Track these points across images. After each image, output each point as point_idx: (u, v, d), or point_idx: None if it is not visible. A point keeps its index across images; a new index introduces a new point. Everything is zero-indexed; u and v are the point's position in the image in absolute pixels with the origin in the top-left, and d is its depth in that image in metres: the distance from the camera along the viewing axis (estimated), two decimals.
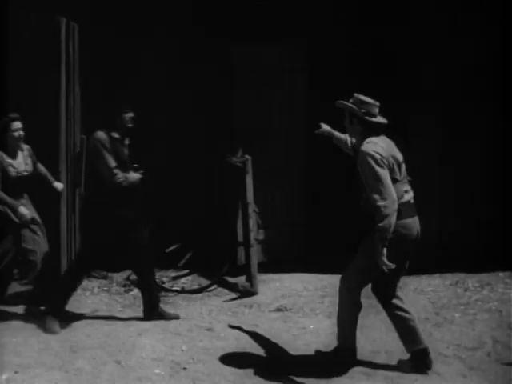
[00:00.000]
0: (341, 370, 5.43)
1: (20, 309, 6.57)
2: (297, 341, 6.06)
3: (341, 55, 8.27)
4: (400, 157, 5.36)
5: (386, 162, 5.17)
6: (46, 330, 6.16)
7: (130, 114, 6.34)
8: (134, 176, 6.35)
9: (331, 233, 8.37)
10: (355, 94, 5.40)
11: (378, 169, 5.13)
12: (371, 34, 8.13)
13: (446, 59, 8.16)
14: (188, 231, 8.04)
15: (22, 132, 6.45)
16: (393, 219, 5.05)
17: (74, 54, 6.95)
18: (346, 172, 8.43)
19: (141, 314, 6.57)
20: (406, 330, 5.44)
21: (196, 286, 7.60)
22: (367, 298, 6.86)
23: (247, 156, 7.54)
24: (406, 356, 5.55)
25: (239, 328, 6.27)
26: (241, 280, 7.55)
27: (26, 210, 6.37)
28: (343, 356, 5.53)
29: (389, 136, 5.43)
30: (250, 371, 5.43)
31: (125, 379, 5.27)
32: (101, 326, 6.31)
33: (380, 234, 5.06)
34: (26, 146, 6.57)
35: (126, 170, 6.31)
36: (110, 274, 7.69)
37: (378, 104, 5.37)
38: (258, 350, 5.87)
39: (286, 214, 8.50)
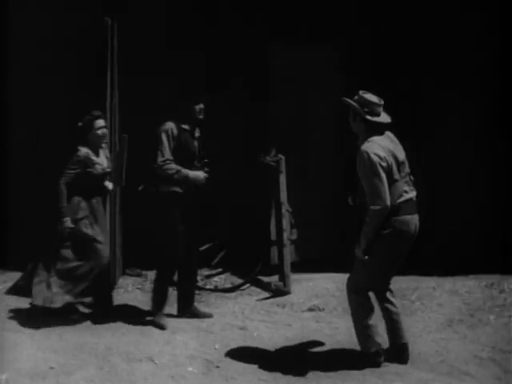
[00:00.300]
0: (373, 371, 5.40)
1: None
2: (329, 341, 6.04)
3: (377, 55, 8.24)
4: (401, 156, 5.38)
5: (384, 163, 5.23)
6: (157, 326, 6.26)
7: (201, 106, 6.31)
8: (198, 174, 6.30)
9: None
10: (360, 92, 5.42)
11: (374, 171, 5.21)
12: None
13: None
14: (221, 230, 8.06)
15: (105, 130, 6.45)
16: (379, 223, 5.23)
17: (115, 53, 6.97)
18: None
19: (174, 312, 6.61)
20: (390, 321, 5.52)
21: (229, 285, 7.62)
22: (400, 298, 6.85)
23: (281, 155, 7.54)
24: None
25: None
26: (274, 279, 7.54)
27: (69, 224, 6.30)
28: (367, 360, 5.48)
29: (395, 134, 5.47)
30: (283, 370, 5.42)
31: (158, 376, 5.31)
32: (135, 323, 6.37)
33: (364, 233, 5.31)
34: (103, 144, 6.56)
35: (194, 163, 6.30)
36: (143, 272, 7.75)
37: (381, 103, 5.39)
38: (291, 350, 5.87)
39: (319, 214, 8.47)
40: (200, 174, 6.32)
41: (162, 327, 6.26)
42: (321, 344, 5.97)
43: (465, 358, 5.61)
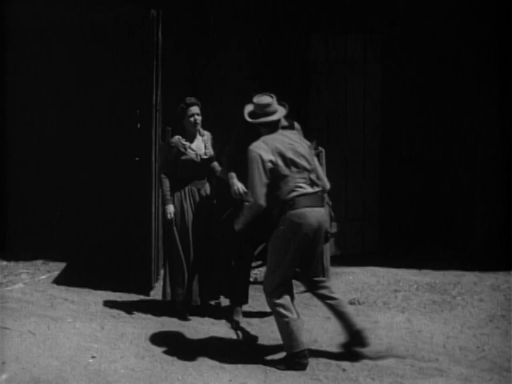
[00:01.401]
0: (413, 366, 5.36)
1: (91, 295, 6.77)
2: (369, 335, 6.01)
3: (414, 47, 8.22)
4: (289, 153, 5.39)
5: (265, 159, 5.29)
6: (230, 322, 6.28)
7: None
8: (234, 184, 6.06)
9: (405, 226, 8.29)
10: (254, 98, 5.55)
11: (253, 168, 5.30)
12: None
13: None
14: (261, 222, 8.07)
15: (198, 117, 6.41)
16: (251, 217, 5.41)
17: (160, 47, 6.98)
18: (422, 164, 8.39)
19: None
20: (337, 314, 5.54)
21: None
22: (441, 293, 6.80)
23: (321, 148, 7.51)
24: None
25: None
26: None
27: (171, 209, 6.37)
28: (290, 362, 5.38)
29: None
30: (321, 362, 5.43)
31: (199, 367, 5.34)
32: (174, 315, 6.42)
33: (238, 222, 5.52)
34: (205, 132, 6.54)
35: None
36: None
37: (267, 102, 5.48)
38: (330, 343, 5.86)
39: (360, 207, 8.45)
40: (234, 186, 6.07)
41: (237, 320, 6.26)
42: None
43: (506, 354, 5.55)
